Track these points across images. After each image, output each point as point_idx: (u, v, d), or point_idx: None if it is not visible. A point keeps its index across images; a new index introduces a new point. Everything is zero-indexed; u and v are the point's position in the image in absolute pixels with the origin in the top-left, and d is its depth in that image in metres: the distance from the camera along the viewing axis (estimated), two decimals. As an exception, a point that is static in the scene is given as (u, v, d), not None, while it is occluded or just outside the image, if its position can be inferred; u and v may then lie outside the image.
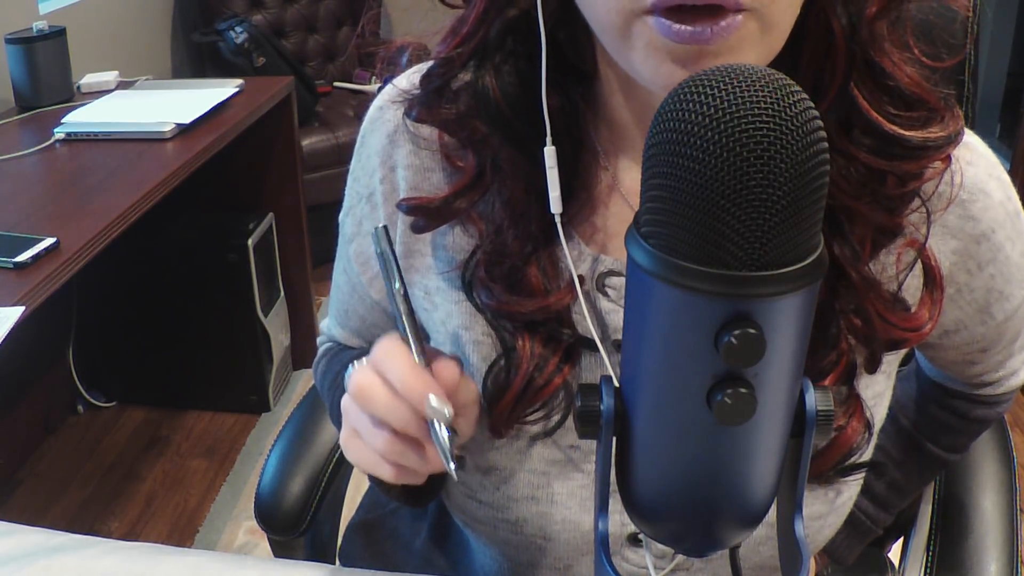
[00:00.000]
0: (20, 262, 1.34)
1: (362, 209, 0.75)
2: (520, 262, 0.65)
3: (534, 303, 0.64)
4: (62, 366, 2.36)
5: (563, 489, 0.69)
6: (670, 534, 0.46)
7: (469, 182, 0.66)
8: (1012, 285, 0.71)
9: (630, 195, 0.67)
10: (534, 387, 0.65)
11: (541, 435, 0.68)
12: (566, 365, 0.66)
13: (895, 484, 0.88)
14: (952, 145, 0.62)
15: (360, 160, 0.75)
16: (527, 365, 0.65)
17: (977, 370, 0.79)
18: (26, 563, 0.72)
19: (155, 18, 2.93)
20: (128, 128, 1.89)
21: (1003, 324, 0.73)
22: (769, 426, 0.41)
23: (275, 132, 2.31)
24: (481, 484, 0.70)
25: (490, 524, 0.72)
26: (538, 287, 0.65)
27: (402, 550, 0.88)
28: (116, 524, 2.07)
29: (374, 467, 0.59)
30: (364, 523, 0.93)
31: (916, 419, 0.86)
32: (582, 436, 0.44)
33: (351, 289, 0.81)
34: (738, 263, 0.36)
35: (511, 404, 0.66)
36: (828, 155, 0.36)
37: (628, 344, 0.42)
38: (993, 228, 0.68)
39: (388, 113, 0.72)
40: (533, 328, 0.66)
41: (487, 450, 0.69)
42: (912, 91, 0.60)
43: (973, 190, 0.67)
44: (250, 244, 2.21)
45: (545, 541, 0.70)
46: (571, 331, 0.66)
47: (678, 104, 0.36)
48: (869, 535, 0.90)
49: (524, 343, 0.65)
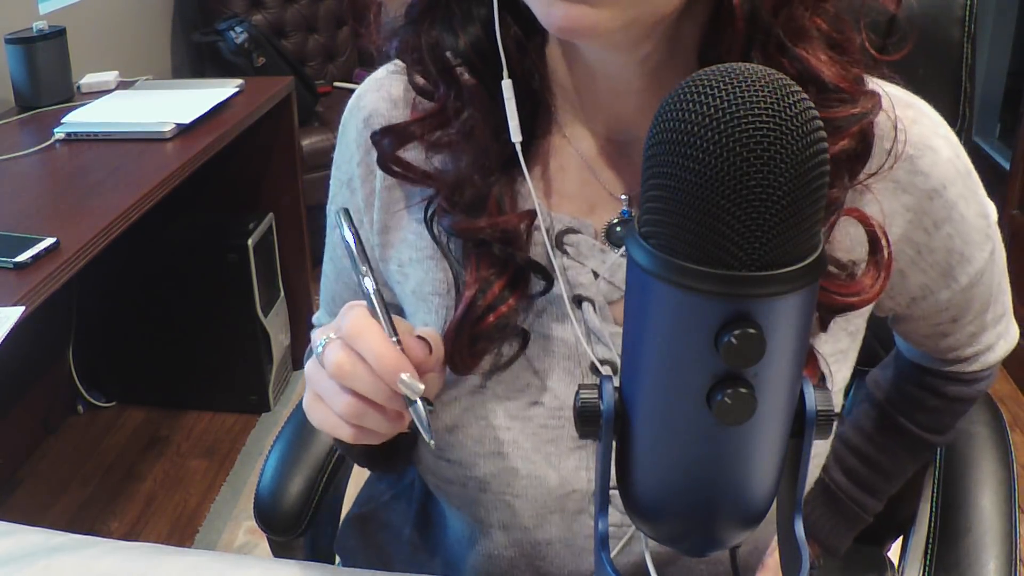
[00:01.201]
0: (20, 262, 1.34)
1: (343, 196, 0.78)
2: (481, 191, 0.68)
3: (488, 220, 0.67)
4: (62, 366, 2.36)
5: (528, 444, 0.70)
6: (670, 534, 0.46)
7: (436, 111, 0.70)
8: (972, 247, 0.72)
9: (586, 157, 0.71)
10: (476, 310, 0.67)
11: (494, 370, 0.70)
12: (513, 294, 0.68)
13: (877, 466, 0.88)
14: (866, 120, 0.63)
15: (340, 149, 0.79)
16: (473, 289, 0.68)
17: (951, 343, 0.80)
18: (26, 563, 0.72)
19: (155, 18, 2.93)
20: (128, 128, 1.89)
21: (969, 290, 0.75)
22: (769, 426, 0.41)
23: (275, 132, 2.31)
24: (448, 443, 0.72)
25: (459, 483, 0.73)
26: (493, 208, 0.68)
27: (393, 540, 0.90)
28: (116, 524, 2.07)
29: (334, 428, 0.61)
30: (359, 516, 0.94)
31: (892, 397, 0.88)
32: (582, 436, 0.44)
33: (336, 275, 0.84)
34: (738, 263, 0.36)
35: (454, 328, 0.68)
36: (828, 155, 0.37)
37: (628, 344, 0.42)
38: (944, 184, 0.69)
39: (364, 100, 0.76)
40: (485, 247, 0.68)
41: (451, 407, 0.71)
42: (824, 78, 0.61)
43: (919, 145, 0.68)
44: (250, 244, 2.21)
45: (513, 498, 0.72)
46: (523, 253, 0.68)
47: (678, 104, 0.36)
48: (857, 521, 0.90)
49: (472, 266, 0.68)
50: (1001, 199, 2.49)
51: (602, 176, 0.70)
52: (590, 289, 0.69)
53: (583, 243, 0.70)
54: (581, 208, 0.71)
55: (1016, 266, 0.82)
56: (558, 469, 0.71)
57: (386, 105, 0.74)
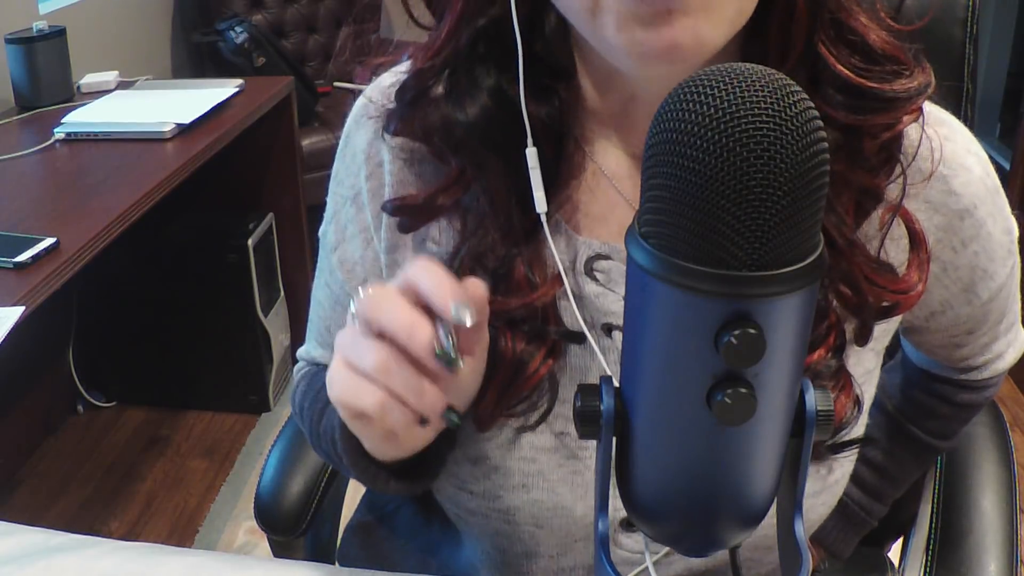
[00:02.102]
0: (20, 262, 1.34)
1: (347, 213, 0.75)
2: (505, 260, 0.65)
3: (519, 300, 0.65)
4: (62, 366, 2.36)
5: (554, 476, 0.69)
6: (670, 534, 0.46)
7: (453, 179, 0.67)
8: (995, 263, 0.72)
9: (615, 179, 0.68)
10: (517, 381, 0.66)
11: (526, 428, 0.68)
12: (550, 358, 0.66)
13: (885, 472, 0.88)
14: (921, 96, 0.63)
15: (344, 161, 0.75)
16: (510, 361, 0.65)
17: (964, 353, 0.80)
18: (26, 563, 0.72)
19: (155, 18, 2.93)
20: (128, 128, 1.89)
21: (988, 304, 0.74)
22: (769, 426, 0.41)
23: (275, 132, 2.31)
24: (471, 474, 0.70)
25: (482, 515, 0.72)
26: (523, 283, 0.65)
27: (399, 551, 0.88)
28: (116, 524, 2.07)
29: (358, 394, 0.53)
30: (362, 524, 0.93)
31: (901, 404, 0.87)
32: (582, 436, 0.44)
33: (334, 303, 0.78)
34: (738, 263, 0.36)
35: (494, 399, 0.66)
36: (828, 155, 0.36)
37: (628, 344, 0.42)
38: (975, 203, 0.69)
39: (373, 109, 0.72)
40: (516, 325, 0.66)
41: (476, 441, 0.69)
42: (879, 47, 0.62)
43: (953, 165, 0.68)
44: (250, 244, 2.21)
45: (538, 529, 0.70)
46: (556, 327, 0.66)
47: (678, 104, 0.36)
48: (863, 527, 0.90)
49: (507, 341, 0.66)
50: (1001, 199, 2.49)
51: (632, 198, 0.68)
52: (620, 317, 0.67)
53: (614, 269, 0.67)
54: (611, 232, 0.68)
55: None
56: (584, 499, 0.69)
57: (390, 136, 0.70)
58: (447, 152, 0.67)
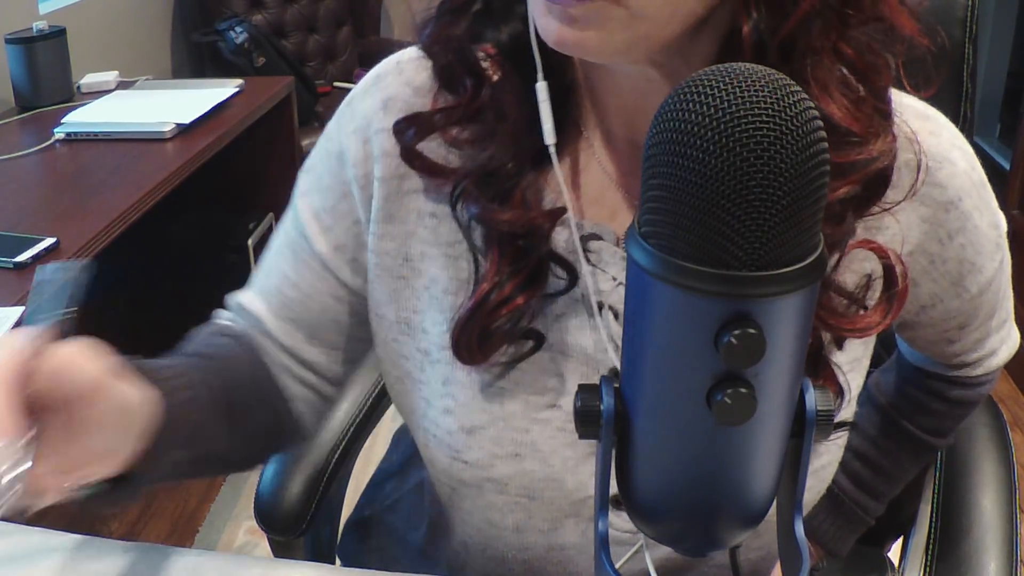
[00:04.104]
0: (20, 262, 1.34)
1: (327, 165, 0.75)
2: (510, 183, 0.66)
3: (514, 213, 0.66)
4: (62, 366, 2.35)
5: (546, 447, 0.70)
6: (670, 534, 0.46)
7: (463, 103, 0.68)
8: (983, 257, 0.73)
9: (605, 163, 0.70)
10: (489, 304, 0.66)
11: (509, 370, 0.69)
12: (527, 291, 0.67)
13: (880, 469, 0.88)
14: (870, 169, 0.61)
15: (340, 120, 0.75)
16: (490, 283, 0.66)
17: (956, 349, 0.80)
18: (26, 563, 0.72)
19: (155, 18, 2.93)
20: (128, 128, 1.89)
21: (978, 298, 0.75)
22: (769, 426, 0.41)
23: (275, 132, 2.31)
24: (466, 444, 0.71)
25: (475, 486, 0.72)
26: (519, 204, 0.66)
27: (397, 545, 0.89)
28: (116, 524, 2.07)
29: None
30: (361, 520, 0.93)
31: (895, 400, 0.88)
32: (582, 436, 0.44)
33: (283, 246, 0.78)
34: (738, 263, 0.36)
35: (464, 319, 0.67)
36: (828, 155, 0.36)
37: (628, 344, 0.42)
38: (960, 196, 0.69)
39: (385, 81, 0.73)
40: (508, 241, 0.67)
41: (470, 410, 0.70)
42: (839, 120, 0.59)
43: (938, 158, 0.68)
44: (250, 244, 2.21)
45: (529, 500, 0.71)
46: (546, 247, 0.67)
47: (678, 104, 0.36)
48: (860, 524, 0.90)
49: (493, 259, 0.67)
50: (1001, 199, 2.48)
51: (621, 182, 0.70)
52: (611, 296, 0.68)
53: (605, 249, 0.69)
54: (602, 214, 0.70)
55: (1017, 267, 0.83)
56: (575, 473, 0.70)
57: (408, 91, 0.71)
58: (465, 73, 0.68)
